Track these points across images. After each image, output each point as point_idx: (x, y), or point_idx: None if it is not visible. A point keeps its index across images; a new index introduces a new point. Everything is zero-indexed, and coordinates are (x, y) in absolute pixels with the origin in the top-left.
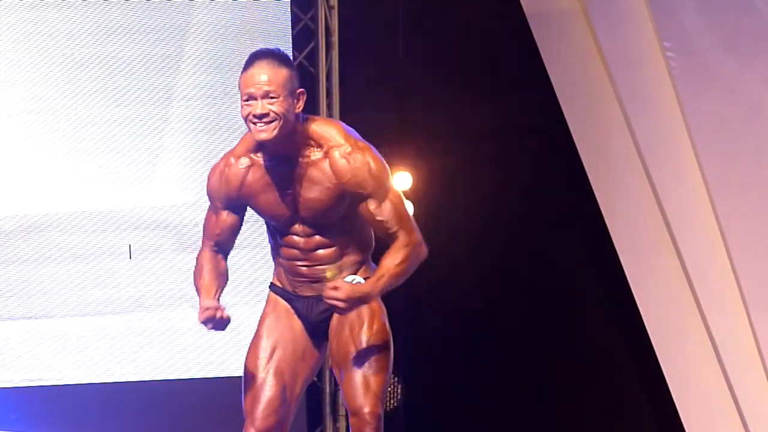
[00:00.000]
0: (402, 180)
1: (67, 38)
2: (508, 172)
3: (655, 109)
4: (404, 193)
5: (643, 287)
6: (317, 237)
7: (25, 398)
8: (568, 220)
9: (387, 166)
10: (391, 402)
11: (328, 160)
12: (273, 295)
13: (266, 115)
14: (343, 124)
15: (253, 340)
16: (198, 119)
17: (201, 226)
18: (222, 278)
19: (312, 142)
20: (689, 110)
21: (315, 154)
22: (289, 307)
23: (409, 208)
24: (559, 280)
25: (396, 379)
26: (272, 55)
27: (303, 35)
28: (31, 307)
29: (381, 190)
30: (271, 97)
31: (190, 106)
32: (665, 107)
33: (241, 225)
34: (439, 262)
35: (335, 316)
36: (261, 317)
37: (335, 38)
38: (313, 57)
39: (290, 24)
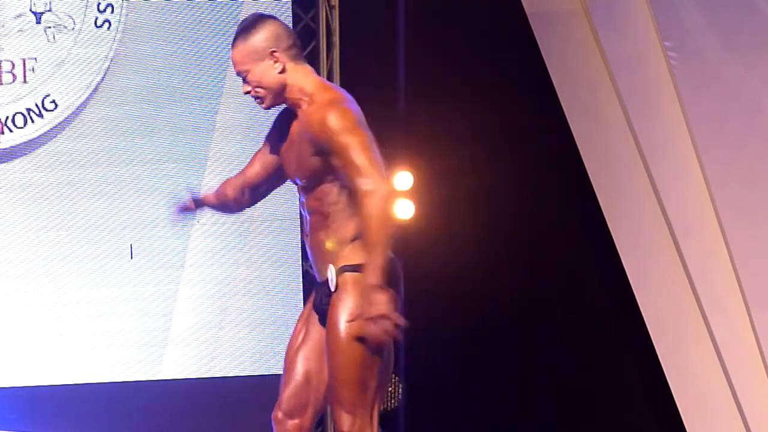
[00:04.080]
0: (402, 180)
1: None
2: (509, 172)
3: (656, 108)
4: (405, 192)
5: (644, 286)
6: (309, 200)
7: (26, 398)
8: (569, 220)
9: (354, 115)
10: (391, 402)
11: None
12: None
13: (250, 92)
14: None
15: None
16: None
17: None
18: (217, 198)
19: (302, 96)
20: (690, 109)
21: (306, 107)
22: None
23: (409, 207)
24: (560, 280)
25: (396, 379)
26: (241, 30)
27: (304, 35)
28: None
29: (341, 143)
30: (245, 75)
31: (190, 107)
32: (666, 106)
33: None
34: (439, 262)
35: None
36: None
37: (336, 38)
38: (314, 57)
39: (291, 23)
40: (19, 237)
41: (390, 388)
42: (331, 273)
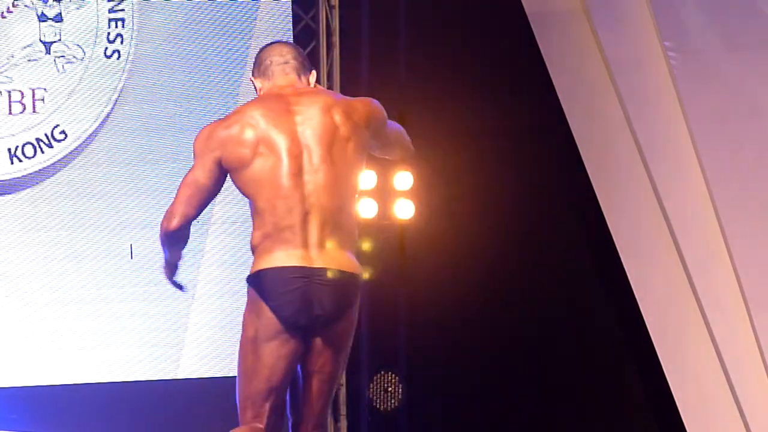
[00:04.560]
0: (402, 180)
1: None
2: (509, 173)
3: (656, 108)
4: (405, 192)
5: (644, 286)
6: None
7: (26, 398)
8: (569, 220)
9: (197, 142)
10: (392, 402)
11: None
12: None
13: None
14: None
15: None
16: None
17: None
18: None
19: None
20: (690, 109)
21: None
22: None
23: (409, 207)
24: (561, 280)
25: (396, 378)
26: None
27: (304, 35)
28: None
29: None
30: None
31: (202, 105)
32: (666, 106)
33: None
34: (439, 262)
35: None
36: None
37: (336, 38)
38: (314, 57)
39: (291, 23)
40: (19, 237)
41: (390, 388)
42: None
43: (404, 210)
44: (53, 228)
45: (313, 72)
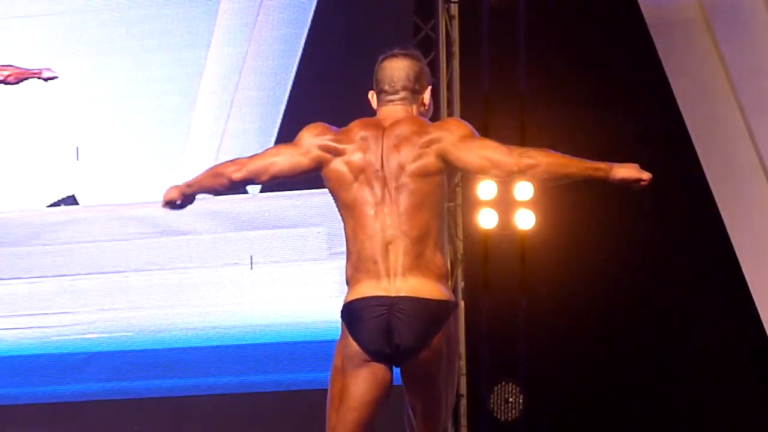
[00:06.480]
0: (523, 190)
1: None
2: None
3: None
4: (525, 203)
5: (766, 296)
6: None
7: None
8: (690, 229)
9: (314, 129)
10: (512, 412)
11: None
12: None
13: None
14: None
15: None
16: None
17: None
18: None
19: None
20: None
21: None
22: None
23: (530, 218)
24: (681, 289)
25: (517, 389)
26: None
27: (424, 45)
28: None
29: None
30: None
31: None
32: None
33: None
34: (560, 272)
35: None
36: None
37: (456, 48)
38: (433, 67)
39: (411, 33)
40: None
41: (511, 399)
42: None
43: (525, 220)
44: None
45: (428, 91)
